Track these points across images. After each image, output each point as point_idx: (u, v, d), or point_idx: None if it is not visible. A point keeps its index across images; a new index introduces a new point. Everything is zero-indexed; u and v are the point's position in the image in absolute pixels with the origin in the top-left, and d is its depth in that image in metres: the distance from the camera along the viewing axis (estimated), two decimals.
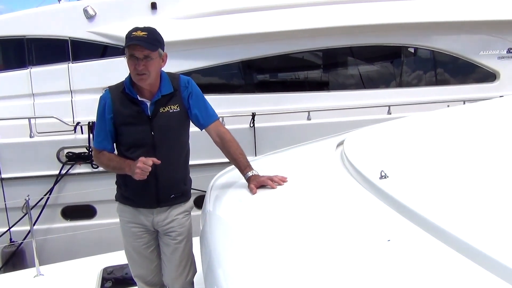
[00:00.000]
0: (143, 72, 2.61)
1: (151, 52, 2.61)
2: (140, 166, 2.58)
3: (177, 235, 2.88)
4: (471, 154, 2.22)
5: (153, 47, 2.62)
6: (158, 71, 2.71)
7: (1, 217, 6.46)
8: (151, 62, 2.62)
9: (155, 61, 2.64)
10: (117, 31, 7.31)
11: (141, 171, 2.59)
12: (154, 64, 2.65)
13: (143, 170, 2.59)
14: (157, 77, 2.72)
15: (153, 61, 2.63)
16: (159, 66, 2.71)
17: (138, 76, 2.63)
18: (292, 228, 1.83)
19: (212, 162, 5.14)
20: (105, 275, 4.30)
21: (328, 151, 2.86)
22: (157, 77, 2.72)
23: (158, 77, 2.73)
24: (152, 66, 2.63)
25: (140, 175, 2.60)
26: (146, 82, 2.66)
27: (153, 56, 2.62)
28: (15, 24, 7.78)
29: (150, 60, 2.61)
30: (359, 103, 7.91)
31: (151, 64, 2.62)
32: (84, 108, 7.46)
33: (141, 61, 2.60)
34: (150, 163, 2.60)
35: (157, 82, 2.74)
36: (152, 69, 2.63)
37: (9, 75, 7.77)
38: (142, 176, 2.61)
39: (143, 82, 2.66)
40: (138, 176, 2.61)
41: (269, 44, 8.02)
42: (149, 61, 2.61)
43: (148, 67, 2.61)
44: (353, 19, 8.10)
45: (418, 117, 3.74)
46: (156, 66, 2.68)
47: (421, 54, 9.10)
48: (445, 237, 1.44)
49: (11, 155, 6.51)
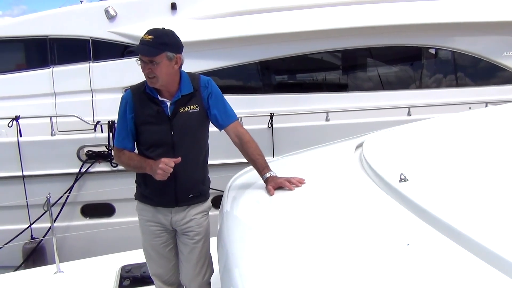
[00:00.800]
0: (151, 76, 2.63)
1: (154, 57, 2.61)
2: (162, 167, 2.59)
3: (195, 234, 2.89)
4: (494, 158, 2.18)
5: (154, 52, 2.60)
6: (168, 73, 2.68)
7: (22, 213, 6.56)
8: (156, 66, 2.61)
9: (161, 65, 2.62)
10: (137, 31, 7.34)
11: (162, 172, 2.60)
12: (161, 68, 2.63)
13: (164, 171, 2.60)
14: (170, 80, 2.72)
15: (159, 65, 2.62)
16: (169, 69, 2.67)
17: (148, 79, 2.67)
18: (309, 231, 1.82)
19: (231, 162, 5.15)
20: (123, 273, 4.33)
21: (347, 153, 2.84)
22: (170, 79, 2.71)
23: (173, 78, 2.73)
24: (158, 70, 2.62)
25: (161, 176, 2.61)
26: (156, 84, 2.67)
27: (157, 60, 2.61)
28: (37, 24, 7.90)
29: (155, 64, 2.61)
30: (378, 105, 7.84)
31: (157, 68, 2.62)
32: (104, 107, 7.55)
33: (147, 64, 2.62)
34: (172, 165, 2.60)
35: (174, 83, 2.74)
36: (159, 72, 2.62)
37: (32, 74, 7.90)
38: (163, 177, 2.62)
39: (153, 84, 2.68)
40: (159, 176, 2.61)
41: (288, 44, 8.00)
42: (154, 65, 2.61)
43: (154, 71, 2.62)
44: (372, 19, 8.03)
45: (439, 119, 3.69)
46: (165, 70, 2.65)
47: (442, 55, 8.98)
48: (465, 242, 1.41)
49: (33, 153, 6.60)
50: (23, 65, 8.19)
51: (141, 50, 2.63)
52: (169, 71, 2.68)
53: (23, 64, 8.21)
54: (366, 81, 8.77)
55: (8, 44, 8.03)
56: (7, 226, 6.58)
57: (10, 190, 6.53)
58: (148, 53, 2.61)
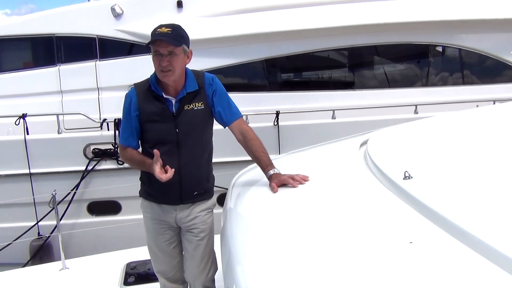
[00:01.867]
0: (168, 69, 2.62)
1: (175, 48, 2.61)
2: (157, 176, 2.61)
3: (199, 232, 2.89)
4: (500, 156, 2.16)
5: (177, 43, 2.62)
6: (182, 67, 2.71)
7: (29, 211, 6.60)
8: (175, 58, 2.62)
9: (179, 57, 2.64)
10: (143, 29, 7.38)
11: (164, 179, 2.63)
12: (179, 60, 2.65)
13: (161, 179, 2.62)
14: (182, 74, 2.73)
15: (178, 57, 2.63)
16: (183, 62, 2.71)
17: (162, 73, 2.64)
18: (313, 228, 1.82)
19: (234, 160, 5.15)
20: (128, 270, 4.35)
21: (351, 151, 2.83)
22: (182, 74, 2.72)
23: (183, 74, 2.74)
24: (177, 62, 2.63)
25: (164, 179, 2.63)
26: (170, 78, 2.66)
27: (177, 51, 2.63)
28: (44, 22, 7.92)
29: (174, 56, 2.62)
30: (384, 102, 7.81)
31: (176, 60, 2.63)
32: (110, 105, 7.55)
33: (166, 57, 2.61)
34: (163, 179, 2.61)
35: (182, 79, 2.75)
36: (177, 65, 2.64)
37: (38, 73, 7.92)
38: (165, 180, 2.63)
39: (168, 78, 2.66)
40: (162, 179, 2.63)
41: (294, 42, 7.98)
42: (173, 57, 2.62)
43: (173, 63, 2.62)
44: (378, 17, 7.98)
45: (445, 117, 3.67)
46: (181, 63, 2.67)
47: (450, 53, 8.91)
48: (469, 240, 1.40)
49: (40, 150, 6.63)
50: (30, 63, 8.22)
51: (167, 39, 2.59)
52: (182, 65, 2.71)
53: (30, 63, 8.24)
54: (372, 79, 8.73)
55: (15, 42, 8.07)
56: (14, 224, 6.62)
57: (17, 187, 6.57)
58: (173, 43, 2.60)
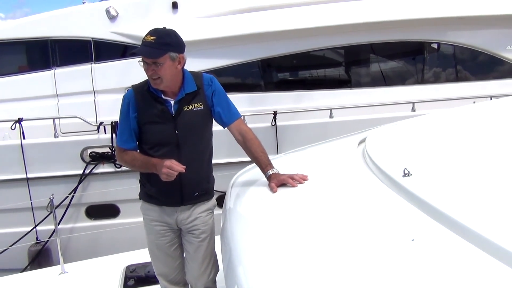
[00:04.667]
0: (155, 77, 2.62)
1: (156, 59, 2.60)
2: (165, 171, 2.59)
3: (200, 233, 2.88)
4: (498, 152, 2.16)
5: (157, 53, 2.59)
6: (172, 74, 2.68)
7: (27, 216, 6.56)
8: (160, 67, 2.61)
9: (164, 66, 2.62)
10: (138, 31, 7.31)
11: (166, 177, 2.61)
12: (164, 69, 2.62)
13: (167, 175, 2.60)
14: (174, 79, 2.71)
15: (163, 66, 2.61)
16: (172, 69, 2.66)
17: (152, 80, 2.66)
18: (313, 227, 1.81)
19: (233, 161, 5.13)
20: (128, 273, 4.33)
21: (350, 149, 2.82)
22: (173, 79, 2.71)
23: (176, 78, 2.72)
24: (162, 71, 2.62)
25: (167, 177, 2.61)
26: (160, 85, 2.67)
27: (160, 61, 2.60)
28: (38, 26, 7.87)
29: (158, 65, 2.60)
30: (382, 101, 7.80)
31: (161, 69, 2.61)
32: (107, 108, 7.53)
33: (150, 66, 2.61)
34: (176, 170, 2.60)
35: (177, 82, 2.74)
36: (163, 73, 2.62)
37: (34, 76, 7.87)
38: (168, 178, 2.62)
39: (157, 85, 2.67)
40: (165, 177, 2.62)
41: (290, 42, 7.96)
42: (157, 66, 2.60)
43: (158, 72, 2.61)
44: (373, 15, 7.97)
45: (442, 113, 3.66)
46: (168, 70, 2.64)
47: (446, 50, 8.90)
48: (471, 236, 1.39)
49: (36, 155, 6.60)
50: (25, 67, 8.18)
51: (144, 52, 2.61)
52: (172, 72, 2.67)
53: (25, 66, 8.20)
54: (368, 77, 8.73)
55: (10, 46, 8.00)
56: (12, 229, 6.58)
57: (14, 192, 6.53)
58: (151, 55, 2.60)
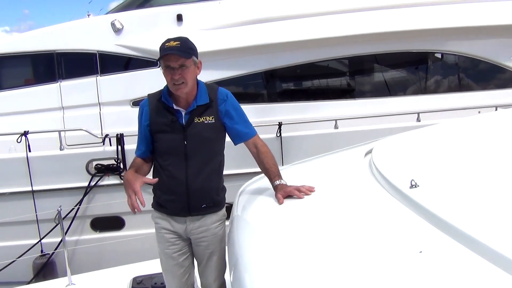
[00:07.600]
0: (181, 81, 2.65)
1: (186, 60, 2.64)
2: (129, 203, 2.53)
3: (210, 244, 2.89)
4: (506, 163, 2.14)
5: (187, 55, 2.65)
6: (194, 79, 2.75)
7: (32, 228, 6.56)
8: (186, 70, 2.65)
9: (190, 69, 2.67)
10: (144, 43, 7.41)
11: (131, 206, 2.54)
12: (190, 72, 2.68)
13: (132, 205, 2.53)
14: (193, 86, 2.75)
15: (189, 69, 2.66)
16: (194, 74, 2.74)
17: (175, 86, 2.67)
18: (320, 238, 1.80)
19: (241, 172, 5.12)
20: (135, 284, 4.31)
21: (356, 160, 2.81)
22: (193, 85, 2.75)
23: (195, 85, 2.77)
24: (188, 74, 2.66)
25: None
26: (183, 91, 2.69)
27: (188, 64, 2.65)
28: (44, 39, 7.93)
29: (185, 68, 2.64)
30: (386, 111, 7.80)
31: (187, 73, 2.65)
32: (112, 120, 7.55)
33: (177, 70, 2.63)
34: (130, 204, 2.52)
35: (193, 91, 2.77)
36: (188, 77, 2.66)
37: (39, 89, 7.91)
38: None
39: (181, 91, 2.68)
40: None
41: (294, 53, 7.99)
42: (184, 69, 2.64)
43: (185, 76, 2.64)
44: (377, 26, 8.00)
45: (449, 124, 3.65)
46: (192, 74, 2.71)
47: (450, 60, 8.92)
48: (479, 248, 1.38)
49: (42, 167, 6.61)
50: (31, 80, 8.22)
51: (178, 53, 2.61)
52: (193, 77, 2.74)
53: (31, 79, 8.24)
54: (373, 87, 8.73)
55: (16, 59, 8.06)
56: (17, 242, 6.58)
57: (20, 205, 6.53)
58: (183, 55, 2.62)
